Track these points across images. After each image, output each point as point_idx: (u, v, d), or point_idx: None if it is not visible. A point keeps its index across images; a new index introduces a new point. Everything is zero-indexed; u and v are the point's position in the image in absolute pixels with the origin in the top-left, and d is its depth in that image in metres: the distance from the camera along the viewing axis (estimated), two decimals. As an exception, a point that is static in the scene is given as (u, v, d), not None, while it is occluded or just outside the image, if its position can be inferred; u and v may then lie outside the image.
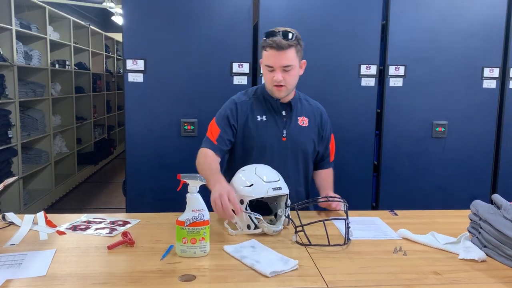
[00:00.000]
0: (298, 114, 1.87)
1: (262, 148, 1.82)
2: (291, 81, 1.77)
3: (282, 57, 1.71)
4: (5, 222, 1.60)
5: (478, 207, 1.41)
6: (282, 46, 1.69)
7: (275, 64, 1.72)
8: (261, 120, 1.83)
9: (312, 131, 1.89)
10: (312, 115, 1.90)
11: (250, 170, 1.59)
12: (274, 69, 1.73)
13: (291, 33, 1.71)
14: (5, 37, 3.88)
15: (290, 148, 1.83)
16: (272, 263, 1.26)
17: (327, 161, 1.99)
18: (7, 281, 1.15)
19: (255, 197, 1.51)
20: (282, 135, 1.83)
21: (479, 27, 2.84)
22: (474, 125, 2.92)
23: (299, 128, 1.85)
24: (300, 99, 1.92)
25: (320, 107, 1.96)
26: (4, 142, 3.81)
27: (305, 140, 1.87)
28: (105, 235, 1.50)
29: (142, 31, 2.70)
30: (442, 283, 1.19)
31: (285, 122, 1.84)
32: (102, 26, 8.61)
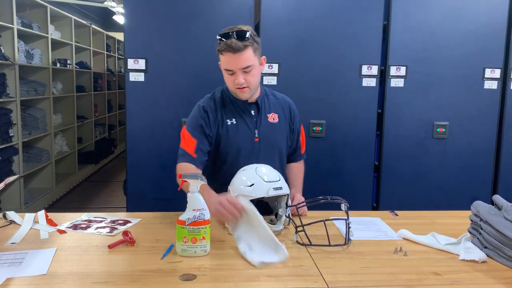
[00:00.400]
0: (267, 112, 1.83)
1: (236, 151, 1.77)
2: (253, 81, 1.72)
3: (240, 59, 1.65)
4: (5, 220, 1.60)
5: (478, 208, 1.41)
6: (239, 48, 1.62)
7: (234, 67, 1.67)
8: (231, 124, 1.78)
9: (283, 127, 1.86)
10: (281, 110, 1.87)
11: (250, 170, 1.58)
12: (234, 72, 1.68)
13: (245, 32, 1.64)
14: (7, 35, 3.88)
15: (264, 148, 1.80)
16: (263, 252, 1.30)
17: (298, 154, 1.96)
18: (8, 279, 1.15)
19: (255, 197, 1.50)
20: (254, 136, 1.79)
21: (480, 27, 2.84)
22: (475, 126, 2.92)
23: (270, 125, 1.82)
24: (267, 95, 1.88)
25: (287, 100, 1.92)
26: (5, 141, 3.81)
27: (278, 137, 1.84)
28: (105, 234, 1.50)
29: (144, 30, 2.70)
30: (443, 283, 1.19)
31: (255, 122, 1.80)
32: (103, 25, 8.61)
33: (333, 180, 2.88)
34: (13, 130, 3.93)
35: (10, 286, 1.13)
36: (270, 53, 2.75)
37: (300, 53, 2.78)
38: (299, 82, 2.81)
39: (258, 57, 1.72)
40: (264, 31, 2.75)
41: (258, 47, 1.71)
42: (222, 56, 1.68)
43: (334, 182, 2.88)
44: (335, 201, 1.53)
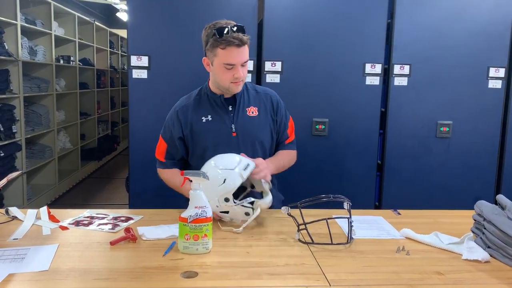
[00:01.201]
0: (245, 106, 1.81)
1: (214, 147, 1.75)
2: (246, 74, 1.74)
3: (243, 53, 1.67)
4: (8, 216, 1.60)
5: (482, 208, 1.41)
6: (244, 42, 1.65)
7: (237, 61, 1.66)
8: (207, 121, 1.78)
9: (263, 120, 1.82)
10: (261, 103, 1.84)
11: (211, 168, 1.56)
12: (234, 66, 1.67)
13: (242, 26, 1.67)
14: (10, 32, 3.89)
15: (243, 142, 1.77)
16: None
17: (283, 144, 1.91)
18: (10, 275, 1.15)
19: (235, 187, 1.51)
20: (231, 131, 1.77)
21: (485, 26, 2.82)
22: (479, 125, 2.91)
23: (248, 119, 1.80)
24: (247, 89, 1.86)
25: (268, 93, 1.89)
26: (8, 137, 3.82)
27: (258, 130, 1.81)
28: (107, 231, 1.50)
29: (147, 27, 2.70)
30: (445, 283, 1.19)
31: (232, 117, 1.79)
32: (107, 22, 8.61)
33: (335, 179, 2.87)
34: (16, 127, 3.93)
35: (12, 281, 1.13)
36: (273, 51, 2.75)
37: (303, 51, 2.78)
38: (302, 80, 2.80)
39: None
40: (267, 29, 2.74)
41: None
42: (223, 50, 1.65)
43: (337, 180, 2.87)
44: (337, 199, 1.53)
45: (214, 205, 1.50)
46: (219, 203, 1.51)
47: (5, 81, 3.81)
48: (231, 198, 1.52)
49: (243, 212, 1.54)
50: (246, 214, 1.54)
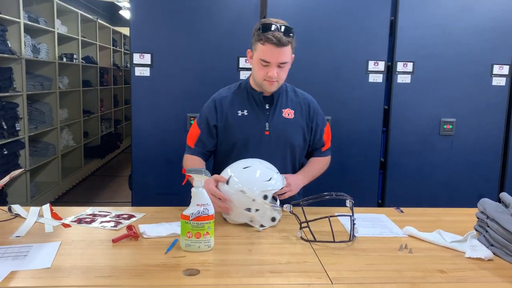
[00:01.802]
0: (282, 107, 1.81)
1: (244, 143, 1.77)
2: (284, 76, 1.74)
3: (280, 54, 1.66)
4: (11, 214, 1.61)
5: (485, 206, 1.40)
6: (283, 43, 1.64)
7: (272, 60, 1.67)
8: (242, 115, 1.79)
9: (298, 123, 1.83)
10: (298, 107, 1.84)
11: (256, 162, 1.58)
12: (269, 64, 1.68)
13: (291, 29, 1.67)
14: (14, 30, 3.89)
15: (275, 142, 1.78)
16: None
17: (319, 151, 1.93)
18: (12, 272, 1.15)
19: (277, 188, 1.53)
20: (264, 129, 1.78)
21: (489, 23, 2.81)
22: (482, 123, 2.89)
23: (284, 120, 1.80)
24: (287, 91, 1.86)
25: (307, 98, 1.89)
26: (12, 135, 3.83)
27: (291, 132, 1.81)
28: (110, 229, 1.50)
29: (150, 25, 2.70)
30: (448, 281, 1.18)
31: (267, 116, 1.79)
32: (109, 20, 8.62)
33: (338, 176, 2.85)
34: (19, 124, 3.95)
35: (15, 279, 1.13)
36: (276, 48, 2.74)
37: (306, 48, 2.76)
38: (304, 78, 2.78)
39: (291, 55, 1.74)
40: (270, 26, 2.73)
41: (294, 46, 1.73)
42: (262, 46, 1.66)
43: (339, 178, 2.86)
44: (340, 197, 1.52)
45: (251, 199, 1.49)
46: (258, 197, 1.49)
47: (8, 79, 3.82)
48: (270, 196, 1.51)
49: (271, 216, 1.53)
50: (272, 219, 1.53)
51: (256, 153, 1.72)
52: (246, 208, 1.50)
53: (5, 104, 3.78)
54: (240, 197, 1.49)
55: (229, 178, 1.53)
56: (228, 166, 1.61)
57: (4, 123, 3.72)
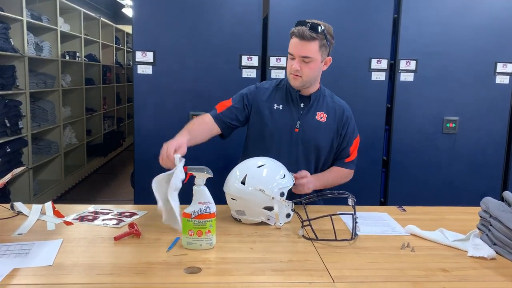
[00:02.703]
0: (317, 109, 1.85)
1: (273, 135, 1.82)
2: (308, 73, 1.75)
3: (303, 47, 1.71)
4: (13, 211, 1.61)
5: (488, 204, 1.39)
6: (305, 36, 1.69)
7: (295, 53, 1.73)
8: (277, 109, 1.84)
9: (329, 127, 1.85)
10: (332, 112, 1.86)
11: (270, 160, 1.61)
12: (294, 57, 1.74)
13: (320, 26, 1.70)
14: (16, 28, 3.90)
15: (302, 140, 1.82)
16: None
17: (342, 161, 1.92)
18: (14, 270, 1.16)
19: (290, 186, 1.56)
20: (295, 126, 1.82)
21: (492, 21, 2.79)
22: (485, 121, 2.88)
23: (315, 122, 1.83)
24: (325, 96, 1.89)
25: (343, 105, 1.91)
26: (15, 133, 3.84)
27: (320, 135, 1.83)
28: (112, 226, 1.50)
29: (152, 23, 2.70)
30: (450, 280, 1.18)
31: (300, 114, 1.83)
32: (112, 18, 8.63)
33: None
34: (22, 122, 3.95)
35: (17, 276, 1.13)
36: (278, 47, 2.74)
37: (308, 46, 2.76)
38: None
39: (322, 54, 1.76)
40: (272, 24, 2.73)
41: (327, 45, 1.76)
42: (291, 39, 1.75)
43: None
44: (342, 195, 1.52)
45: (270, 197, 1.50)
46: (276, 195, 1.50)
47: (11, 77, 3.83)
48: (286, 193, 1.54)
49: (286, 213, 1.55)
50: (287, 215, 1.55)
51: (283, 149, 1.79)
52: (264, 206, 1.51)
53: (8, 102, 3.79)
54: (259, 196, 1.50)
55: (245, 177, 1.53)
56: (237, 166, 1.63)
57: (7, 121, 3.73)
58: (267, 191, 1.50)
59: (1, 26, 3.64)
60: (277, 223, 1.51)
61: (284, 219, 1.55)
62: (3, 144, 3.64)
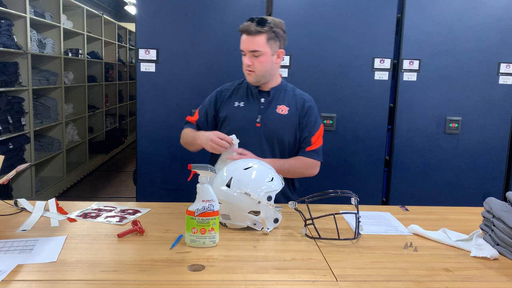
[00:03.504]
0: (278, 103, 1.87)
1: (236, 132, 1.77)
2: (260, 67, 1.79)
3: (250, 42, 1.76)
4: (17, 208, 1.62)
5: (491, 205, 1.39)
6: (250, 31, 1.75)
7: (244, 48, 1.79)
8: (238, 106, 1.88)
9: (291, 120, 1.86)
10: (293, 104, 1.88)
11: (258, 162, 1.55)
12: (245, 53, 1.79)
13: (265, 20, 1.75)
14: (20, 25, 3.90)
15: (264, 134, 1.84)
16: None
17: (303, 150, 1.88)
18: (18, 266, 1.16)
19: (278, 189, 1.48)
20: (256, 121, 1.84)
21: (495, 21, 2.79)
22: (488, 122, 2.88)
23: (276, 115, 1.85)
24: (286, 90, 1.92)
25: (304, 97, 1.92)
26: (17, 129, 3.85)
27: (282, 127, 1.85)
28: (115, 223, 1.50)
29: (155, 20, 2.70)
30: (453, 280, 1.18)
31: (261, 109, 1.86)
32: (115, 16, 8.63)
33: (343, 174, 2.86)
34: (25, 119, 3.96)
35: (21, 272, 1.13)
36: (281, 45, 2.74)
37: (311, 45, 2.76)
38: (310, 75, 2.79)
39: (271, 47, 1.79)
40: (276, 22, 2.72)
41: (276, 38, 1.79)
42: (241, 37, 1.80)
43: (344, 176, 2.86)
44: (345, 195, 1.52)
45: (256, 201, 1.43)
46: (263, 199, 1.44)
47: (14, 73, 3.83)
48: (273, 197, 1.47)
49: (274, 217, 1.49)
50: (275, 221, 1.49)
51: (247, 144, 1.77)
52: (250, 211, 1.45)
53: (11, 99, 3.79)
54: (244, 200, 1.43)
55: (230, 180, 1.47)
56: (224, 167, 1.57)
57: (10, 117, 3.74)
58: (253, 194, 1.43)
59: (4, 23, 3.65)
60: (264, 228, 1.46)
61: (272, 224, 1.48)
62: (6, 140, 3.65)
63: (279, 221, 1.51)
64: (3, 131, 3.64)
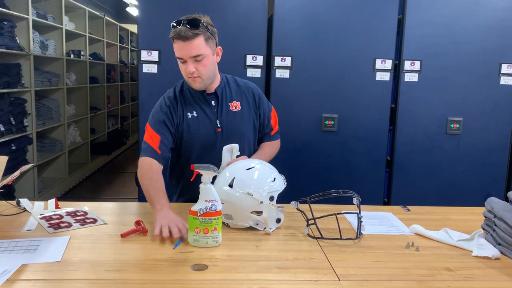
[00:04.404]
0: (228, 100, 1.81)
1: (200, 144, 1.76)
2: (205, 71, 1.68)
3: (189, 48, 1.62)
4: (19, 207, 1.62)
5: (493, 204, 1.40)
6: (187, 36, 1.59)
7: (184, 56, 1.64)
8: (192, 117, 1.76)
9: (246, 113, 1.82)
10: (243, 97, 1.83)
11: (259, 163, 1.55)
12: (185, 60, 1.65)
13: (198, 20, 1.62)
14: (22, 26, 3.92)
15: (228, 136, 1.76)
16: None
17: (268, 136, 1.91)
18: (23, 265, 1.17)
19: (280, 189, 1.48)
20: (216, 127, 1.77)
21: (497, 22, 2.79)
22: (490, 122, 2.88)
23: (232, 114, 1.79)
24: (228, 83, 1.84)
25: (250, 86, 1.88)
26: (20, 130, 3.86)
27: (241, 123, 1.80)
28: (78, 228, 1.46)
29: (157, 22, 2.71)
30: (455, 279, 1.18)
31: (216, 113, 1.78)
32: (117, 17, 8.65)
33: (344, 174, 2.87)
34: (27, 120, 3.97)
35: (25, 272, 1.14)
36: (283, 46, 2.75)
37: (313, 46, 2.77)
38: (311, 76, 2.79)
39: (211, 47, 1.68)
40: (277, 24, 2.73)
41: (212, 37, 1.68)
42: (174, 43, 1.65)
43: (346, 176, 2.87)
44: (347, 195, 1.53)
45: (258, 201, 1.44)
46: (265, 199, 1.44)
47: (17, 75, 3.85)
48: (275, 198, 1.47)
49: (276, 218, 1.49)
50: (277, 221, 1.50)
51: (213, 152, 1.72)
52: (252, 211, 1.46)
53: (13, 100, 3.81)
54: (246, 200, 1.44)
55: (233, 180, 1.47)
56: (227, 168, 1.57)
57: (13, 118, 3.75)
58: (255, 194, 1.44)
59: (7, 25, 3.66)
60: (267, 228, 1.46)
61: (274, 224, 1.49)
62: (8, 141, 3.66)
63: (282, 221, 1.52)
64: (6, 132, 3.65)
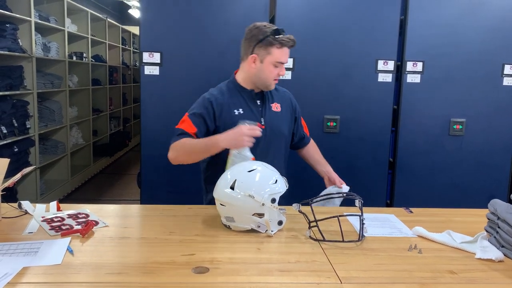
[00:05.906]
0: (270, 101, 1.93)
1: None
2: None
3: (288, 54, 1.84)
4: (21, 210, 1.62)
5: (496, 206, 1.39)
6: (293, 44, 1.81)
7: (286, 61, 1.82)
8: (239, 114, 1.85)
9: (285, 115, 1.96)
10: (283, 101, 1.98)
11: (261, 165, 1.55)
12: (281, 65, 1.82)
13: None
14: (24, 28, 3.93)
15: (270, 135, 1.87)
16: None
17: (307, 137, 2.10)
18: (23, 268, 1.17)
19: (283, 191, 1.48)
20: (261, 124, 1.86)
21: (499, 23, 2.78)
22: (493, 123, 2.87)
23: (274, 114, 1.92)
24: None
25: (287, 92, 2.04)
26: (22, 133, 3.87)
27: (282, 124, 1.94)
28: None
29: (159, 24, 2.71)
30: (458, 282, 1.17)
31: (261, 111, 1.89)
32: (119, 19, 8.66)
33: (347, 176, 2.83)
34: (29, 122, 3.98)
35: (26, 275, 1.14)
36: (285, 48, 2.74)
37: (315, 47, 2.76)
38: (314, 77, 2.79)
39: None
40: (279, 25, 2.71)
41: None
42: (279, 49, 1.79)
43: (348, 178, 2.83)
44: (349, 197, 1.52)
45: (260, 204, 1.43)
46: (267, 201, 1.43)
47: (19, 77, 3.86)
48: (277, 200, 1.46)
49: (278, 220, 1.49)
50: (279, 223, 1.49)
51: (255, 148, 1.74)
52: (254, 213, 1.45)
53: (16, 102, 3.81)
54: (248, 202, 1.44)
55: (234, 182, 1.47)
56: (228, 170, 1.58)
57: (15, 121, 3.76)
58: (257, 197, 1.43)
59: (9, 27, 3.67)
60: (268, 231, 1.46)
61: (276, 226, 1.48)
62: (11, 144, 3.67)
63: (283, 223, 1.51)
64: (8, 134, 3.66)
